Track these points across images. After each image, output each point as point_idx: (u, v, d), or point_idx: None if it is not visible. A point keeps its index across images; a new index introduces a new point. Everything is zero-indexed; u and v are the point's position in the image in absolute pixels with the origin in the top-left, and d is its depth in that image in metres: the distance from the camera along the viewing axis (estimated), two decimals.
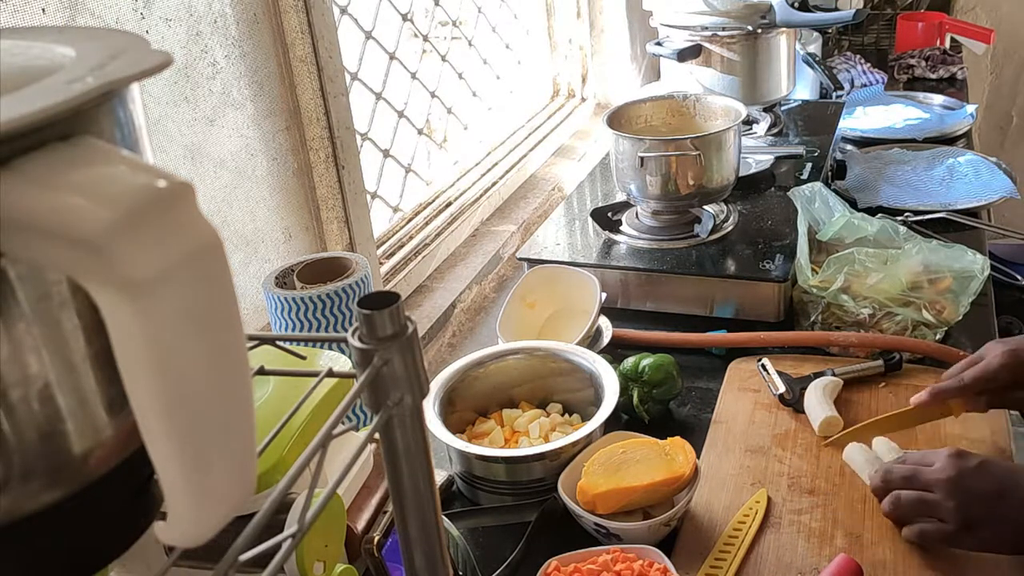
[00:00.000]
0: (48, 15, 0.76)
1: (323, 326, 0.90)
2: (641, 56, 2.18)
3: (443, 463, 1.00)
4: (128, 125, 0.33)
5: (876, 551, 0.84)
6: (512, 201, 1.72)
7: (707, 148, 1.27)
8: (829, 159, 1.59)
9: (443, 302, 1.38)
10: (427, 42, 1.52)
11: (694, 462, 0.89)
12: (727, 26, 1.56)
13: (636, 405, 1.05)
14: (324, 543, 0.61)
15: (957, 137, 1.83)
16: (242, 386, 0.32)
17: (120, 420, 0.33)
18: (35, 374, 0.30)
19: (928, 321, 1.13)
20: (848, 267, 1.16)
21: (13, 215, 0.26)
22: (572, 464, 0.91)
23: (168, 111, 0.89)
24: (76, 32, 0.36)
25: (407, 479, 0.43)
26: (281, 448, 0.63)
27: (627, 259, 1.30)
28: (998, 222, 1.63)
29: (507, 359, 1.06)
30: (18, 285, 0.29)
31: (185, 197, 0.29)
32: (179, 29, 0.90)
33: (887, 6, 2.61)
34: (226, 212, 0.98)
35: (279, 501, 0.34)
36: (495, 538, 0.91)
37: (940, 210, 1.48)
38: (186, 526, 0.31)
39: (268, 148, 1.04)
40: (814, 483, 0.94)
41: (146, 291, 0.27)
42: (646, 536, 0.85)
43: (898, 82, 2.26)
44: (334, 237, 1.15)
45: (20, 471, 0.30)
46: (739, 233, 1.33)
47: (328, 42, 1.08)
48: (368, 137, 1.34)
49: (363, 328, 0.39)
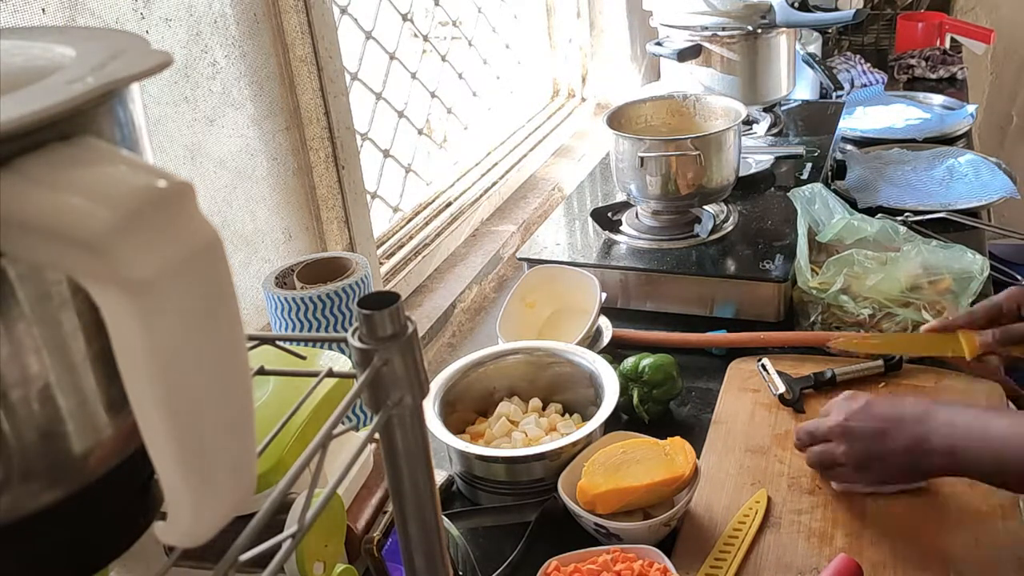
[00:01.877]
0: (48, 15, 0.76)
1: (323, 326, 0.90)
2: (641, 56, 2.18)
3: (443, 463, 1.00)
4: (128, 125, 0.33)
5: (876, 551, 0.85)
6: (512, 201, 1.72)
7: (707, 148, 1.27)
8: (829, 159, 1.59)
9: (443, 302, 1.38)
10: (427, 42, 1.52)
11: (694, 462, 0.89)
12: (727, 26, 1.56)
13: (636, 405, 1.05)
14: (324, 543, 0.61)
15: (957, 137, 1.83)
16: (242, 386, 0.32)
17: (120, 420, 0.33)
18: (35, 374, 0.30)
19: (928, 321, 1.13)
20: (847, 268, 1.16)
21: (13, 215, 0.26)
22: (572, 464, 0.91)
23: (168, 111, 0.89)
24: (76, 32, 0.36)
25: (407, 479, 0.43)
26: (281, 448, 0.63)
27: (627, 259, 1.30)
28: (998, 222, 1.63)
29: (507, 359, 1.06)
30: (18, 285, 0.29)
31: (185, 197, 0.29)
32: (179, 29, 0.90)
33: (887, 6, 2.61)
34: (226, 212, 0.98)
35: (279, 501, 0.34)
36: (495, 538, 0.91)
37: (940, 210, 1.48)
38: (186, 526, 0.31)
39: (268, 148, 1.04)
40: (814, 483, 0.94)
41: (146, 291, 0.27)
42: (646, 536, 0.85)
43: (898, 82, 2.26)
44: (334, 237, 1.15)
45: (20, 471, 0.30)
46: (739, 233, 1.33)
47: (328, 42, 1.08)
48: (368, 137, 1.34)
49: (363, 328, 0.39)
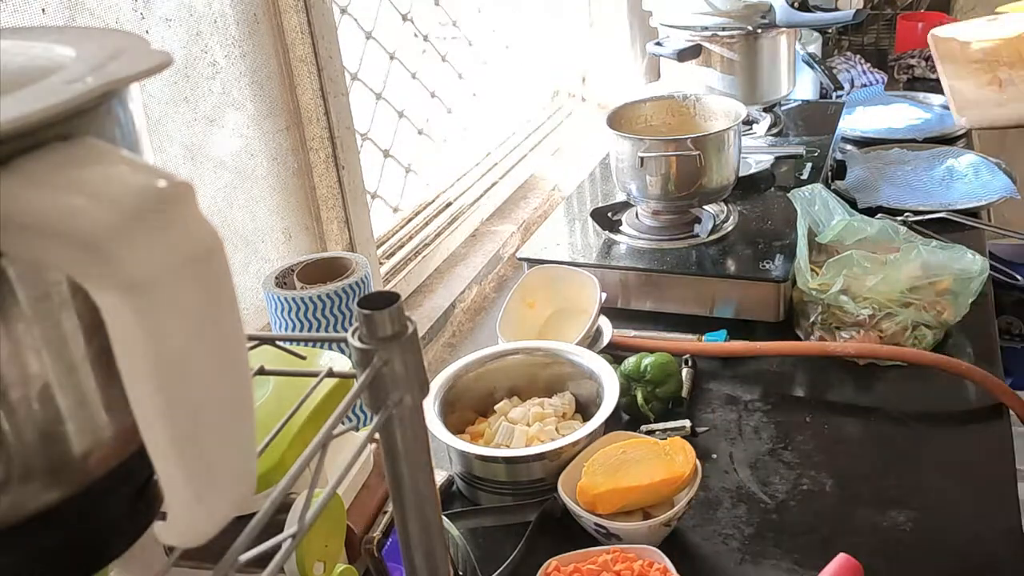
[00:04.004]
0: (48, 15, 0.76)
1: (323, 326, 0.90)
2: (641, 56, 2.18)
3: (443, 463, 1.00)
4: (128, 125, 0.33)
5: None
6: (512, 201, 1.72)
7: (707, 148, 1.27)
8: (829, 159, 1.59)
9: (443, 302, 1.38)
10: (427, 42, 1.52)
11: (694, 462, 0.89)
12: (727, 26, 1.56)
13: (640, 405, 1.05)
14: (324, 543, 0.61)
15: (957, 137, 1.83)
16: (242, 386, 0.32)
17: (120, 420, 0.33)
18: (35, 374, 0.30)
19: (928, 322, 1.13)
20: (847, 270, 1.16)
21: (13, 215, 0.26)
22: (572, 464, 0.91)
23: (168, 111, 0.89)
24: (76, 32, 0.36)
25: (407, 479, 0.43)
26: (281, 448, 0.62)
27: (627, 259, 1.30)
28: (998, 222, 1.62)
29: (507, 359, 1.06)
30: (18, 285, 0.29)
31: (185, 197, 0.29)
32: (179, 29, 0.90)
33: (887, 6, 2.61)
34: (226, 212, 0.98)
35: (279, 501, 0.34)
36: (495, 538, 0.91)
37: (940, 210, 1.48)
38: (186, 526, 0.31)
39: (268, 148, 1.04)
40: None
41: (146, 291, 0.27)
42: (646, 536, 0.85)
43: (898, 82, 2.26)
44: (334, 237, 1.15)
45: (20, 471, 0.30)
46: (739, 233, 1.33)
47: (328, 42, 1.08)
48: (368, 137, 1.34)
49: (363, 328, 0.39)
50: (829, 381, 1.14)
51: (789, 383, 1.15)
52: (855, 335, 1.14)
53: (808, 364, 1.17)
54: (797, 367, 1.17)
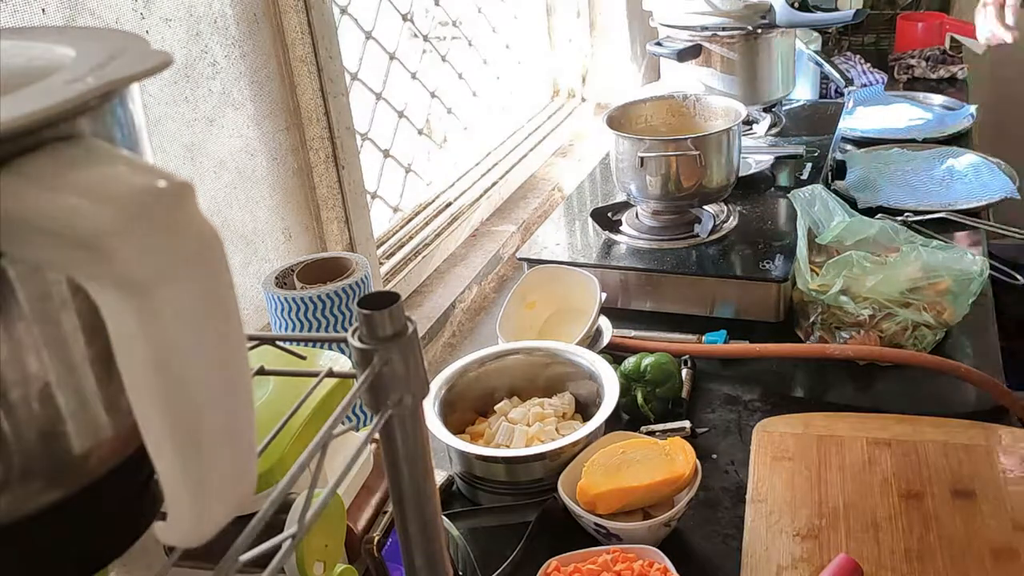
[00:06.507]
0: (48, 15, 0.76)
1: (323, 326, 0.90)
2: (641, 56, 2.18)
3: (443, 463, 1.00)
4: (128, 125, 0.33)
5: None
6: (512, 201, 1.72)
7: (707, 148, 1.27)
8: (829, 159, 1.59)
9: (443, 302, 1.38)
10: (427, 42, 1.52)
11: (694, 462, 0.89)
12: (727, 26, 1.56)
13: (641, 404, 1.05)
14: (324, 543, 0.61)
15: (957, 137, 1.83)
16: (242, 386, 0.32)
17: (120, 420, 0.33)
18: (35, 374, 0.30)
19: (928, 322, 1.13)
20: (847, 270, 1.16)
21: (13, 215, 0.26)
22: (572, 464, 0.91)
23: (168, 111, 0.89)
24: (76, 32, 0.36)
25: (407, 479, 0.43)
26: (281, 448, 0.62)
27: (627, 259, 1.30)
28: (998, 222, 1.62)
29: (507, 359, 1.06)
30: (18, 285, 0.29)
31: (185, 197, 0.29)
32: (179, 29, 0.90)
33: (887, 6, 2.61)
34: (226, 212, 0.98)
35: (279, 501, 0.34)
36: (495, 538, 0.91)
37: (940, 210, 1.48)
38: (186, 526, 0.31)
39: (268, 148, 1.04)
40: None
41: (146, 291, 0.27)
42: (646, 536, 0.85)
43: (898, 82, 2.26)
44: (334, 237, 1.15)
45: (20, 471, 0.30)
46: (739, 233, 1.33)
47: (328, 42, 1.08)
48: (368, 137, 1.34)
49: (363, 328, 0.39)
50: (829, 381, 1.14)
51: (789, 383, 1.15)
52: (855, 335, 1.14)
53: (808, 364, 1.17)
54: (797, 367, 1.17)
